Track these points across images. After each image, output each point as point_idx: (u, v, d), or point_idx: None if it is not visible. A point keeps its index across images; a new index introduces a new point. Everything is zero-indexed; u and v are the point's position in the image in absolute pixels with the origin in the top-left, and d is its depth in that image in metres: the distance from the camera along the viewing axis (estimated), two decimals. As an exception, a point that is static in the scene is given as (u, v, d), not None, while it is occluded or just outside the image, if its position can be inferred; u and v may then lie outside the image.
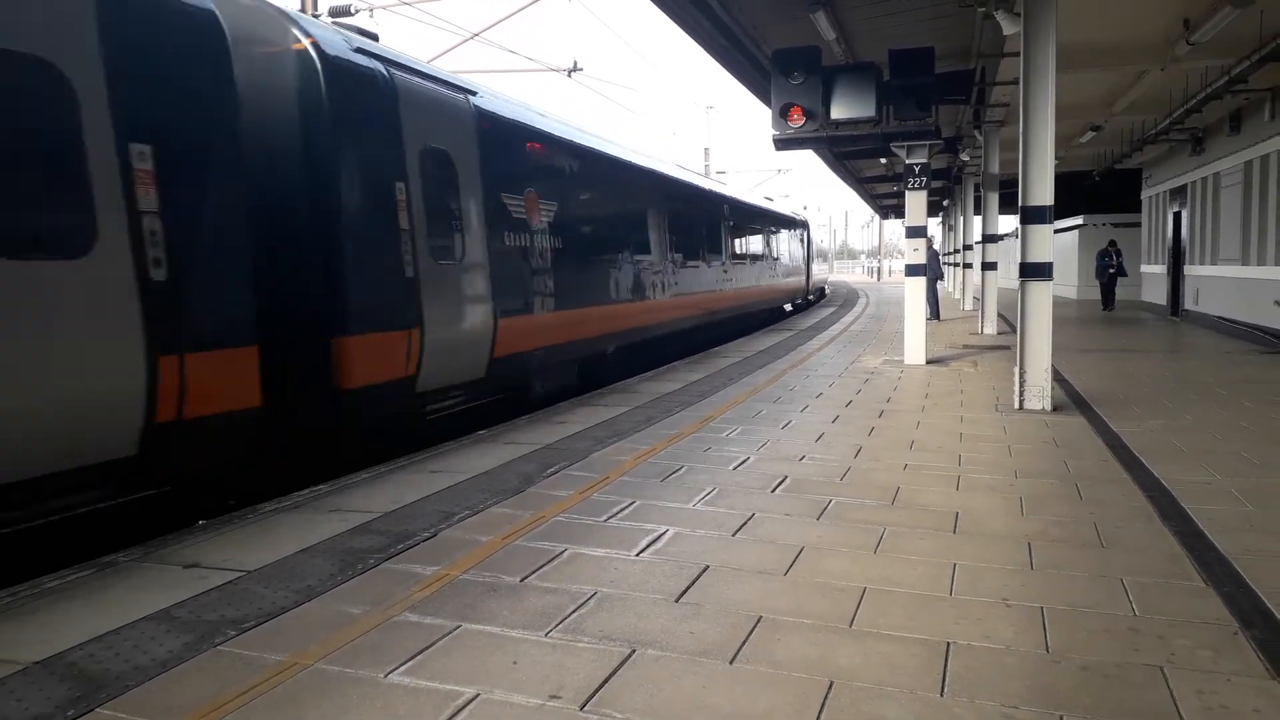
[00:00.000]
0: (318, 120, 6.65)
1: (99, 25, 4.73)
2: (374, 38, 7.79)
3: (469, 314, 8.32)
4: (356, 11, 15.78)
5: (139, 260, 4.89)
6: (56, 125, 4.57)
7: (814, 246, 35.27)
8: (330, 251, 6.69)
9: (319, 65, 6.64)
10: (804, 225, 31.53)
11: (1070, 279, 27.92)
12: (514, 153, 9.52)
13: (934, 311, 20.58)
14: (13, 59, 4.31)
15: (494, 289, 8.69)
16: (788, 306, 28.09)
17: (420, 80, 7.91)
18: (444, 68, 9.54)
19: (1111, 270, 22.61)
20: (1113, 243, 23.01)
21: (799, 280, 29.53)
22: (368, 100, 7.10)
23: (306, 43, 6.65)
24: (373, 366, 6.95)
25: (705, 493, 5.42)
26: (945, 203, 35.66)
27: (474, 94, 8.81)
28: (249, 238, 5.70)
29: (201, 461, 5.50)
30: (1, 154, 4.33)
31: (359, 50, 7.18)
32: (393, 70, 7.49)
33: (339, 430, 6.95)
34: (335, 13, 15.76)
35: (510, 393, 9.51)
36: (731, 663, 3.12)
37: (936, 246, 27.00)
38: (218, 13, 5.54)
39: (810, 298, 32.76)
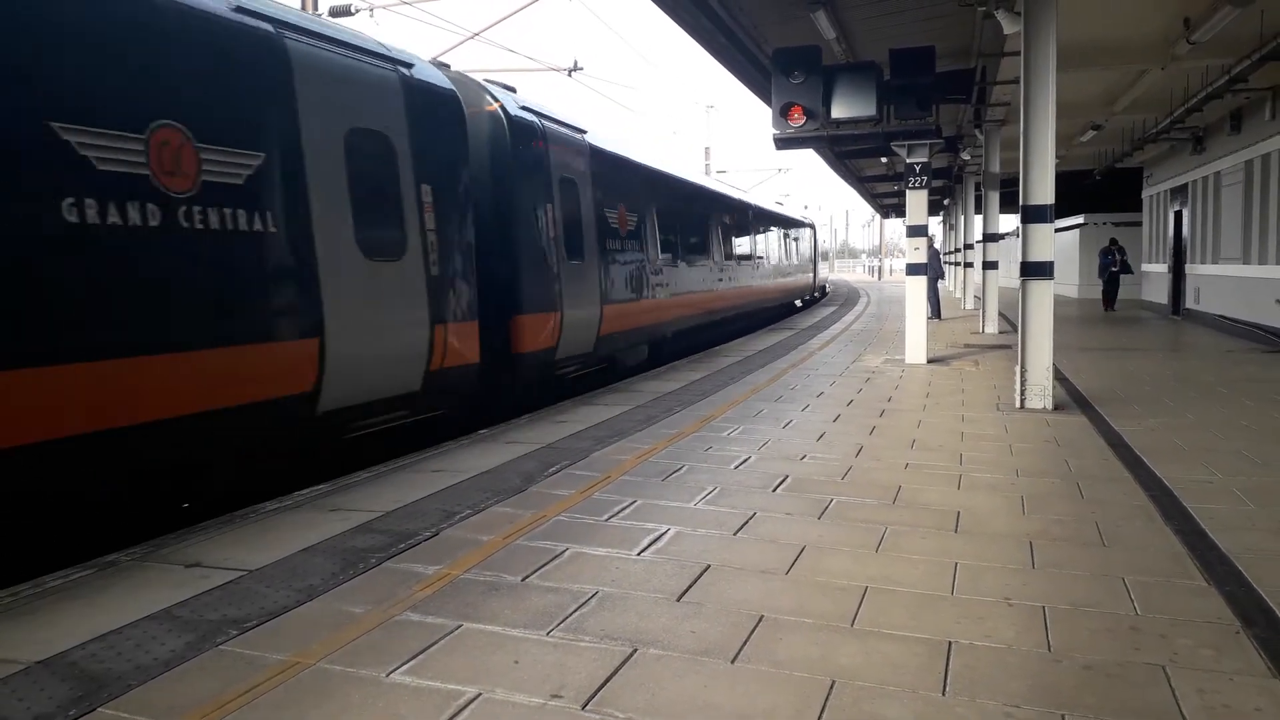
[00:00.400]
0: (502, 159, 9.14)
1: (406, 108, 7.18)
2: (512, 90, 10.00)
3: (588, 302, 10.79)
4: (357, 11, 15.78)
5: (426, 262, 7.33)
6: (390, 174, 6.98)
7: (819, 246, 38.40)
8: (511, 255, 9.16)
9: (504, 120, 9.18)
10: (811, 227, 34.22)
11: (1071, 278, 27.93)
12: (610, 176, 11.97)
13: (935, 311, 20.58)
14: (369, 134, 6.79)
15: (600, 283, 11.24)
16: (798, 303, 30.28)
17: (557, 125, 10.37)
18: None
19: (1114, 269, 22.17)
20: (1114, 240, 22.78)
21: (809, 277, 32.49)
22: (530, 144, 9.55)
23: (496, 105, 9.21)
24: (534, 338, 9.46)
25: (706, 492, 5.42)
26: (946, 202, 35.67)
27: (585, 132, 11.31)
28: (472, 245, 8.08)
29: (450, 398, 7.92)
30: (363, 193, 6.60)
31: (523, 107, 9.65)
32: (542, 120, 9.98)
33: (514, 383, 9.34)
34: (335, 12, 15.76)
35: (605, 363, 11.82)
36: (733, 662, 3.12)
37: (937, 246, 27.03)
38: (456, 91, 8.07)
39: (816, 294, 35.19)
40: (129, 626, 3.47)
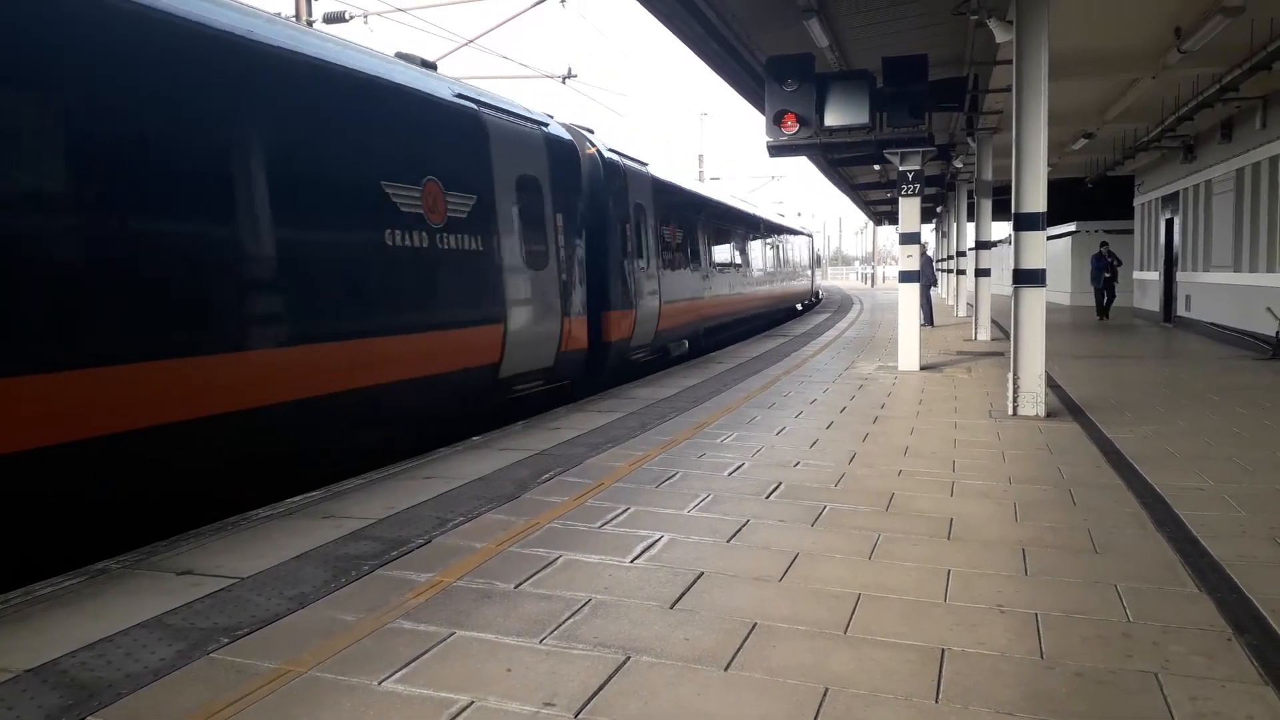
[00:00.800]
0: (598, 190, 11.77)
1: (546, 156, 9.83)
2: (591, 131, 12.30)
3: (651, 302, 13.41)
4: (351, 18, 15.79)
5: (559, 271, 9.94)
6: (539, 206, 9.52)
7: (815, 254, 43.17)
8: (602, 264, 11.68)
9: (600, 161, 11.93)
10: (810, 237, 38.08)
11: (1063, 285, 28.02)
12: (664, 200, 14.63)
13: (928, 318, 20.62)
14: (527, 178, 9.30)
15: (659, 287, 13.84)
16: (798, 306, 32.98)
17: (630, 161, 13.17)
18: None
19: (1107, 275, 21.86)
20: (1105, 244, 22.61)
21: (808, 283, 36.25)
22: (615, 178, 12.25)
23: (594, 150, 11.89)
24: (617, 330, 12.04)
25: (700, 499, 5.42)
26: (939, 209, 35.76)
27: (646, 164, 14.12)
28: (583, 258, 10.75)
29: (568, 373, 10.44)
30: (525, 221, 9.17)
31: (611, 150, 12.41)
32: (623, 158, 12.81)
33: (604, 364, 11.71)
34: (329, 19, 15.77)
35: (661, 353, 14.55)
36: (726, 670, 3.12)
37: (930, 253, 27.11)
38: (572, 139, 10.86)
39: (814, 299, 38.56)
40: (120, 634, 3.45)
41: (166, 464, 5.43)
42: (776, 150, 10.73)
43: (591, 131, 12.24)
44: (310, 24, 15.84)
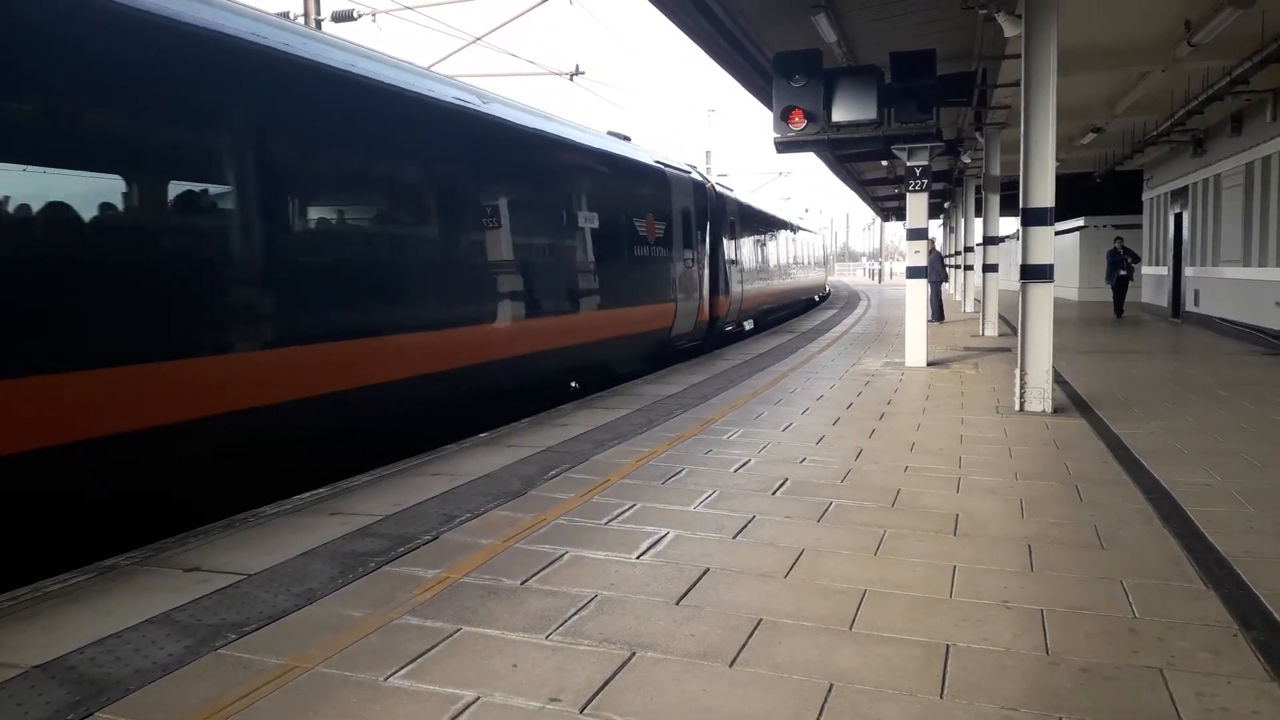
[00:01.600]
0: (709, 212, 16.47)
1: (692, 193, 15.39)
2: (694, 166, 17.01)
3: (737, 290, 18.81)
4: (359, 16, 15.81)
5: (698, 270, 15.36)
6: (689, 228, 14.96)
7: (825, 251, 50.03)
8: (715, 264, 16.57)
9: (713, 192, 17.24)
10: (820, 235, 43.97)
11: (1071, 281, 27.91)
12: (741, 215, 20.18)
13: (937, 314, 20.57)
14: (683, 209, 14.72)
15: (740, 278, 19.34)
16: (816, 297, 37.23)
17: (726, 189, 19.67)
18: (446, 72, 9.89)
19: (1123, 272, 20.69)
20: (1119, 239, 21.64)
21: (824, 275, 43.07)
22: (720, 203, 17.67)
23: (709, 185, 17.00)
24: (720, 309, 17.14)
25: (706, 495, 5.42)
26: (946, 205, 35.67)
27: (732, 190, 20.59)
28: (705, 259, 15.83)
29: (698, 336, 15.62)
30: (683, 236, 14.60)
31: (716, 183, 18.58)
32: (721, 187, 18.93)
33: (711, 332, 16.74)
34: (338, 17, 15.78)
35: (738, 326, 19.99)
36: (731, 665, 3.12)
37: (940, 248, 27.02)
38: (703, 180, 16.50)
39: (826, 292, 42.20)
40: (128, 630, 3.47)
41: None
42: (784, 146, 10.72)
43: (694, 167, 17.09)
44: (319, 24, 15.87)
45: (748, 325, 21.16)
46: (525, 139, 9.98)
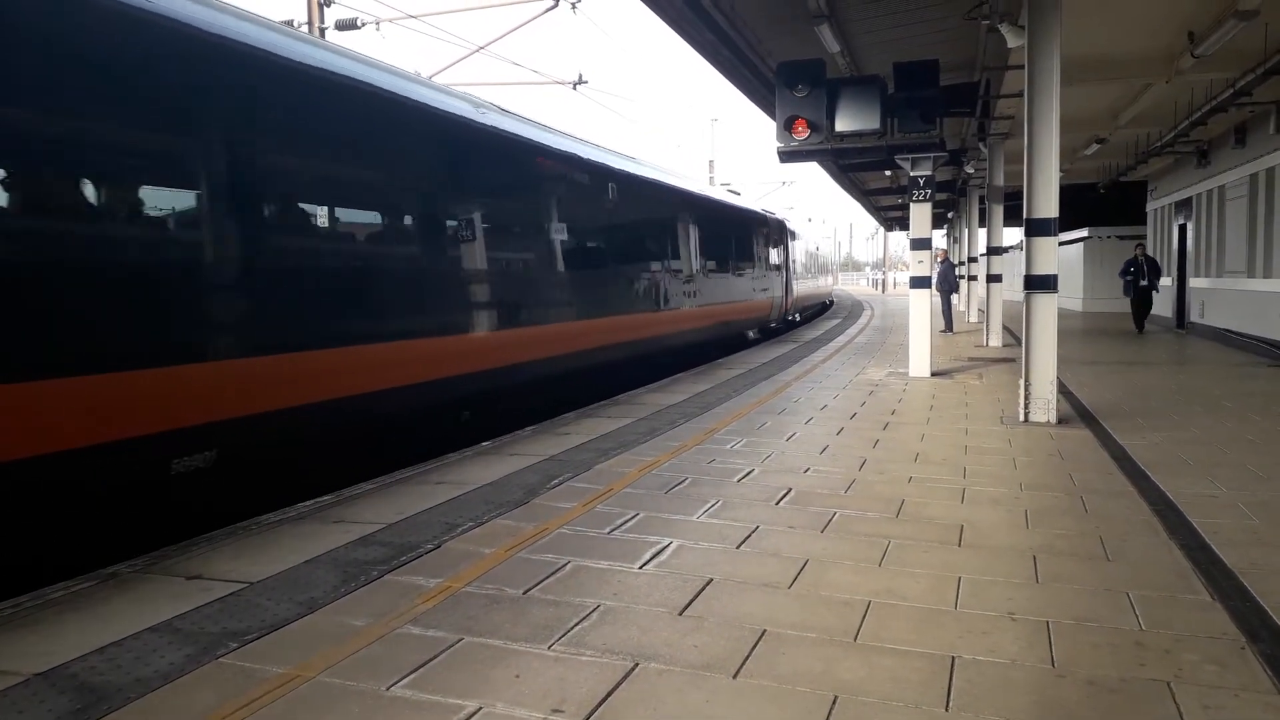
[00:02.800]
0: (783, 238, 25.58)
1: (770, 225, 24.20)
2: (773, 211, 26.16)
3: (792, 291, 26.57)
4: (363, 25, 15.87)
5: (779, 276, 24.83)
6: (772, 249, 24.23)
7: (832, 259, 58.57)
8: (785, 274, 25.44)
9: (784, 225, 26.31)
10: (831, 245, 56.77)
11: (1075, 291, 27.89)
12: (792, 236, 27.30)
13: (947, 324, 20.57)
14: (772, 236, 24.16)
15: (794, 283, 27.08)
16: (826, 302, 42.61)
17: (781, 218, 26.52)
18: (449, 82, 9.98)
19: (1143, 283, 18.92)
20: (1140, 245, 19.88)
21: (832, 282, 51.20)
22: (780, 229, 25.32)
23: (775, 218, 25.34)
24: (785, 304, 25.57)
25: (709, 505, 5.41)
26: (950, 215, 35.66)
27: (787, 218, 28.11)
28: (780, 269, 25.03)
29: (776, 323, 24.37)
30: (772, 257, 24.05)
31: (780, 217, 26.56)
32: (785, 219, 27.23)
33: (781, 321, 25.13)
34: (341, 26, 15.84)
35: (791, 318, 27.19)
36: (735, 677, 3.11)
37: (953, 259, 26.82)
38: (780, 218, 26.45)
39: (829, 301, 46.39)
40: (129, 639, 3.46)
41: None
42: (787, 156, 10.74)
43: (774, 211, 25.83)
44: (323, 32, 15.93)
45: (796, 317, 28.32)
46: (716, 210, 19.05)
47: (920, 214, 12.13)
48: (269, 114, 6.17)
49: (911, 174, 11.71)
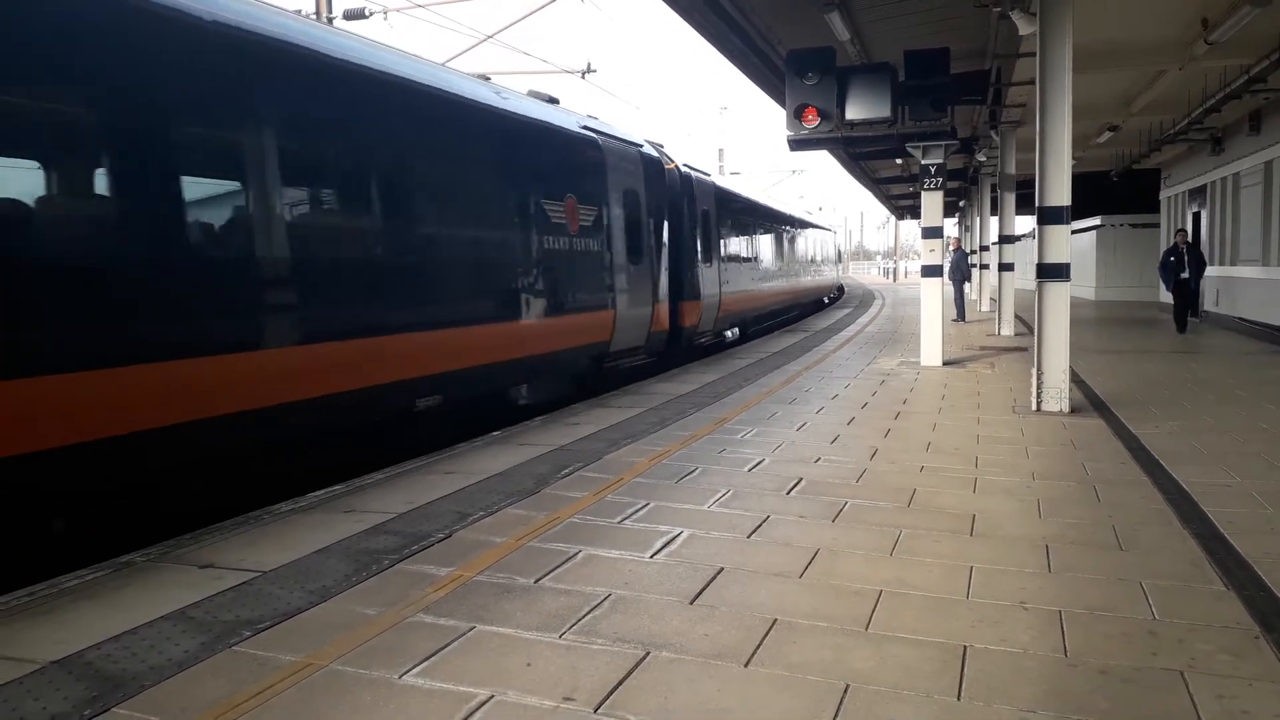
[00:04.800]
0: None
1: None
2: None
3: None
4: (370, 15, 15.85)
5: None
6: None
7: (838, 249, 50.51)
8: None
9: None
10: (834, 233, 45.03)
11: (1088, 280, 27.73)
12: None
13: (960, 313, 20.50)
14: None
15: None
16: (825, 300, 38.39)
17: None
18: (461, 68, 9.79)
19: (1184, 274, 15.88)
20: (1181, 231, 17.04)
21: (835, 276, 44.20)
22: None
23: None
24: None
25: (720, 494, 5.40)
26: (961, 203, 35.47)
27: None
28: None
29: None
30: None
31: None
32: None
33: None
34: (349, 15, 15.82)
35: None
36: (746, 666, 3.11)
37: (965, 248, 26.58)
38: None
39: (838, 292, 43.01)
40: (144, 627, 3.49)
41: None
42: (797, 144, 10.69)
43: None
44: (330, 20, 15.92)
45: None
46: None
47: (932, 202, 12.07)
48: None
49: (923, 162, 11.64)
